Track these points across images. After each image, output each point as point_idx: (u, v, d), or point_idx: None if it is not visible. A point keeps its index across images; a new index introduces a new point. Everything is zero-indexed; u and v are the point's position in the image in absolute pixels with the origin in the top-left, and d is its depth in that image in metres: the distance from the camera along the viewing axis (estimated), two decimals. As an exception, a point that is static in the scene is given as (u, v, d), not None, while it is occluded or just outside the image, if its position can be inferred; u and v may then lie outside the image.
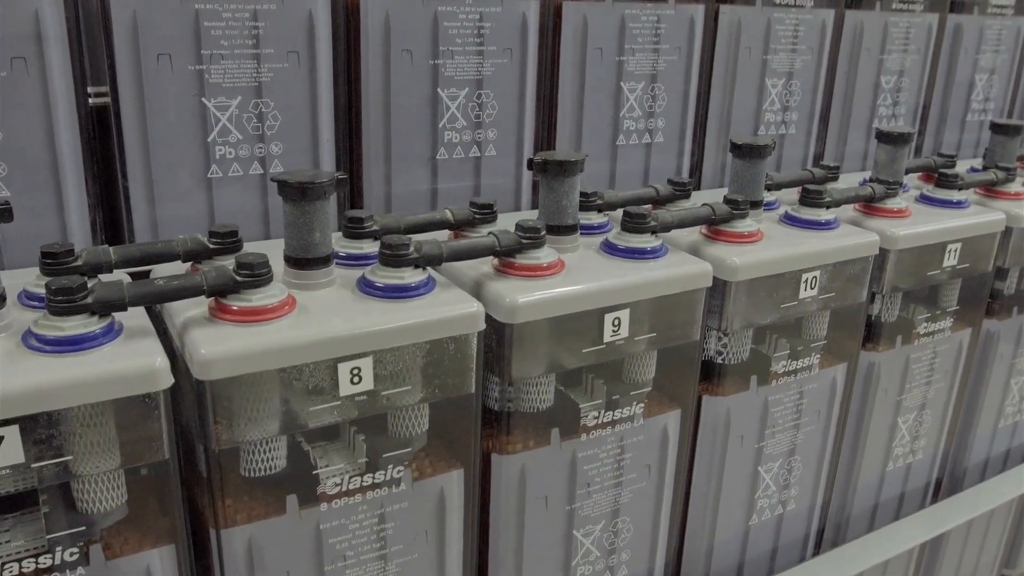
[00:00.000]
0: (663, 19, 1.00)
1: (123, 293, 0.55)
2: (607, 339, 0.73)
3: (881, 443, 1.06)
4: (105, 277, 0.63)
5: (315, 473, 0.64)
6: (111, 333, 0.55)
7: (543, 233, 0.71)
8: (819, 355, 0.92)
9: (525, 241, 0.70)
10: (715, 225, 0.82)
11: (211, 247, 0.66)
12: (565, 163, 0.73)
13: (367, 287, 0.64)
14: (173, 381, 0.55)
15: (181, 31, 0.74)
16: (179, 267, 0.67)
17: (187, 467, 0.61)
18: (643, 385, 0.79)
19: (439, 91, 0.88)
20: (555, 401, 0.75)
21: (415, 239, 0.66)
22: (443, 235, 0.78)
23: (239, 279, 0.59)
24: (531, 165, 0.74)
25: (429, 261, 0.66)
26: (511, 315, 0.67)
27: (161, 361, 0.54)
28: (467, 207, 0.78)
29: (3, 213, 0.60)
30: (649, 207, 0.85)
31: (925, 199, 1.02)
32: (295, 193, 0.61)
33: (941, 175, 1.02)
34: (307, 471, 0.64)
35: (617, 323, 0.73)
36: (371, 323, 0.61)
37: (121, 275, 0.65)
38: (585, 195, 0.82)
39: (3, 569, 0.55)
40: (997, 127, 1.12)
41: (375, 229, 0.72)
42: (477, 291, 0.69)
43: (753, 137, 0.96)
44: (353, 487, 0.66)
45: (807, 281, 0.84)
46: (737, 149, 0.84)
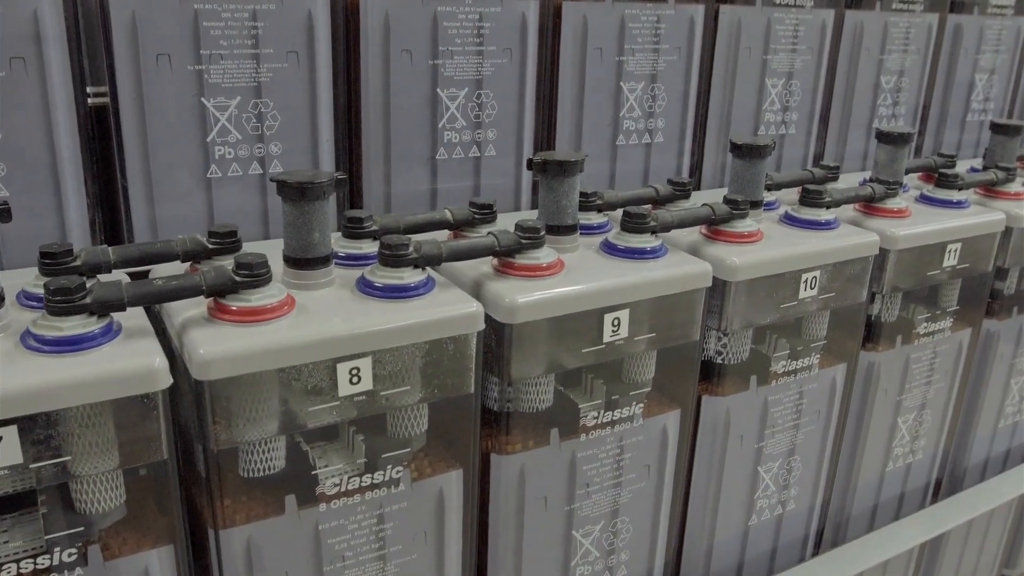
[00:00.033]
0: (663, 19, 1.00)
1: (122, 293, 0.55)
2: (607, 339, 0.73)
3: (881, 443, 1.06)
4: (104, 277, 0.63)
5: (314, 473, 0.64)
6: (110, 333, 0.55)
7: (543, 233, 0.71)
8: (819, 355, 0.92)
9: (525, 241, 0.70)
10: (715, 225, 0.82)
11: (210, 247, 0.66)
12: (565, 163, 0.73)
13: (366, 287, 0.64)
14: (172, 381, 0.55)
15: (180, 31, 0.74)
16: (178, 267, 0.67)
17: (186, 467, 0.61)
18: (643, 385, 0.79)
19: (439, 91, 0.88)
20: (554, 401, 0.75)
21: (414, 239, 0.66)
22: (443, 235, 0.78)
23: (238, 279, 0.59)
24: (531, 165, 0.74)
25: (428, 261, 0.66)
26: (510, 315, 0.67)
27: (160, 361, 0.54)
28: (467, 207, 0.78)
29: (2, 213, 0.59)
30: (649, 207, 0.85)
31: (925, 199, 1.02)
32: (294, 193, 0.61)
33: (941, 175, 1.02)
34: (306, 471, 0.64)
35: (617, 323, 0.73)
36: (370, 323, 0.61)
37: (120, 275, 0.65)
38: (585, 195, 0.82)
39: (1, 570, 0.55)
40: (997, 127, 1.12)
41: (374, 229, 0.72)
42: (476, 291, 0.69)
43: (753, 137, 0.96)
44: (352, 487, 0.65)
45: (807, 281, 0.84)
46: (737, 149, 0.84)
